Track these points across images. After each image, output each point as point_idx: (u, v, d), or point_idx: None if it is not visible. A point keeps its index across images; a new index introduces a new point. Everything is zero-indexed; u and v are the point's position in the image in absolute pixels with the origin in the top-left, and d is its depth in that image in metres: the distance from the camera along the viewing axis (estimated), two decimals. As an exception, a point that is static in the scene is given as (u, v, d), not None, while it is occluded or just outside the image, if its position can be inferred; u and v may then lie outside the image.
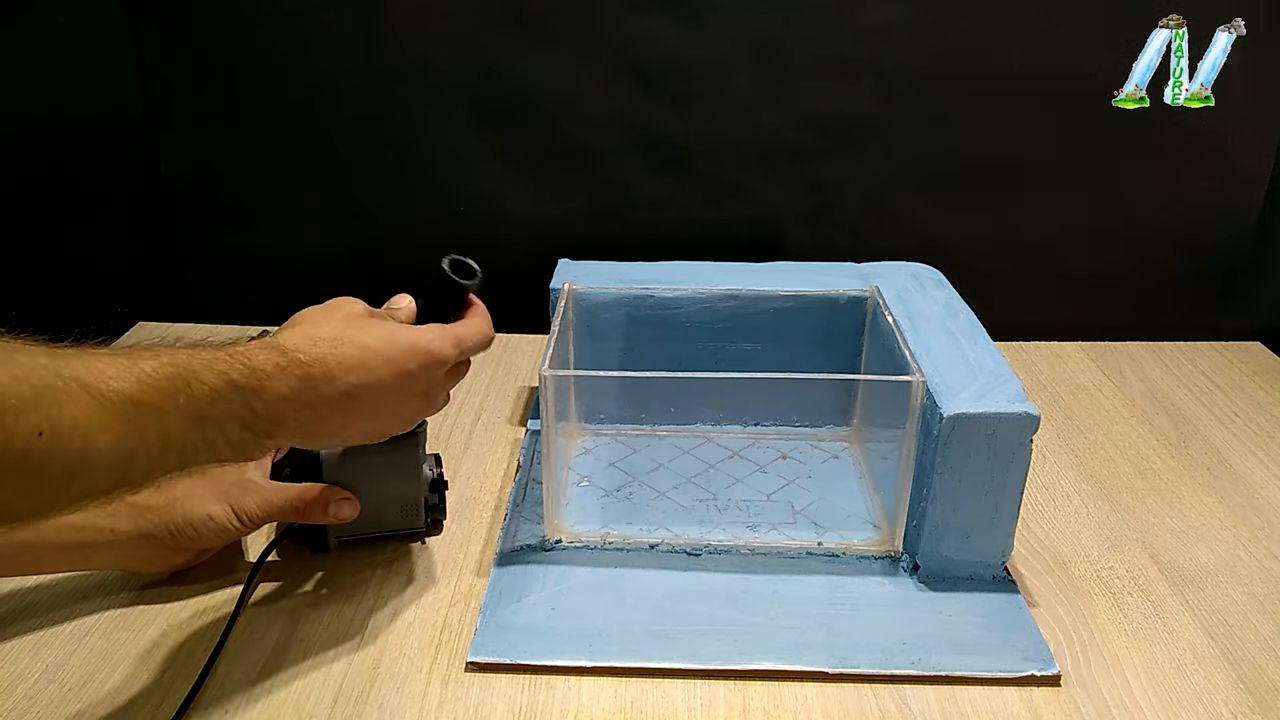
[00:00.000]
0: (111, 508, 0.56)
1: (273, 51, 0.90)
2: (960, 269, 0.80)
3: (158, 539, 0.57)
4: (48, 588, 0.61)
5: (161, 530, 0.56)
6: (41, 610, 0.59)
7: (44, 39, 0.89)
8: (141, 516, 0.56)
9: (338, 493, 0.60)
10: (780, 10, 0.86)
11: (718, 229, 0.95)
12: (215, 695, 0.53)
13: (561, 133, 0.92)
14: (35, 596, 0.60)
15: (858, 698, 0.54)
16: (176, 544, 0.57)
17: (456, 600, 0.61)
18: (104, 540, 0.55)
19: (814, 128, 0.91)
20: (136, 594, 0.60)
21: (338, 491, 0.60)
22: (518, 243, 0.94)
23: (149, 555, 0.58)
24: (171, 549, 0.58)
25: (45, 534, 0.53)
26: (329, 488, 0.60)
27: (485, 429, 0.81)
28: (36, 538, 0.53)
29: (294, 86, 0.90)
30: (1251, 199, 0.94)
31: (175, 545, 0.57)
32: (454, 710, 0.53)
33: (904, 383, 0.62)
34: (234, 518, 0.57)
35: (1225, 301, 0.98)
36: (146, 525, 0.56)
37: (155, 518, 0.56)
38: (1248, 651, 0.58)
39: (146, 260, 0.98)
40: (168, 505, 0.57)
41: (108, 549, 0.56)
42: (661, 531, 0.66)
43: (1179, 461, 0.77)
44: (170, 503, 0.57)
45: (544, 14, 0.87)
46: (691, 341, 0.77)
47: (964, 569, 0.62)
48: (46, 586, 0.61)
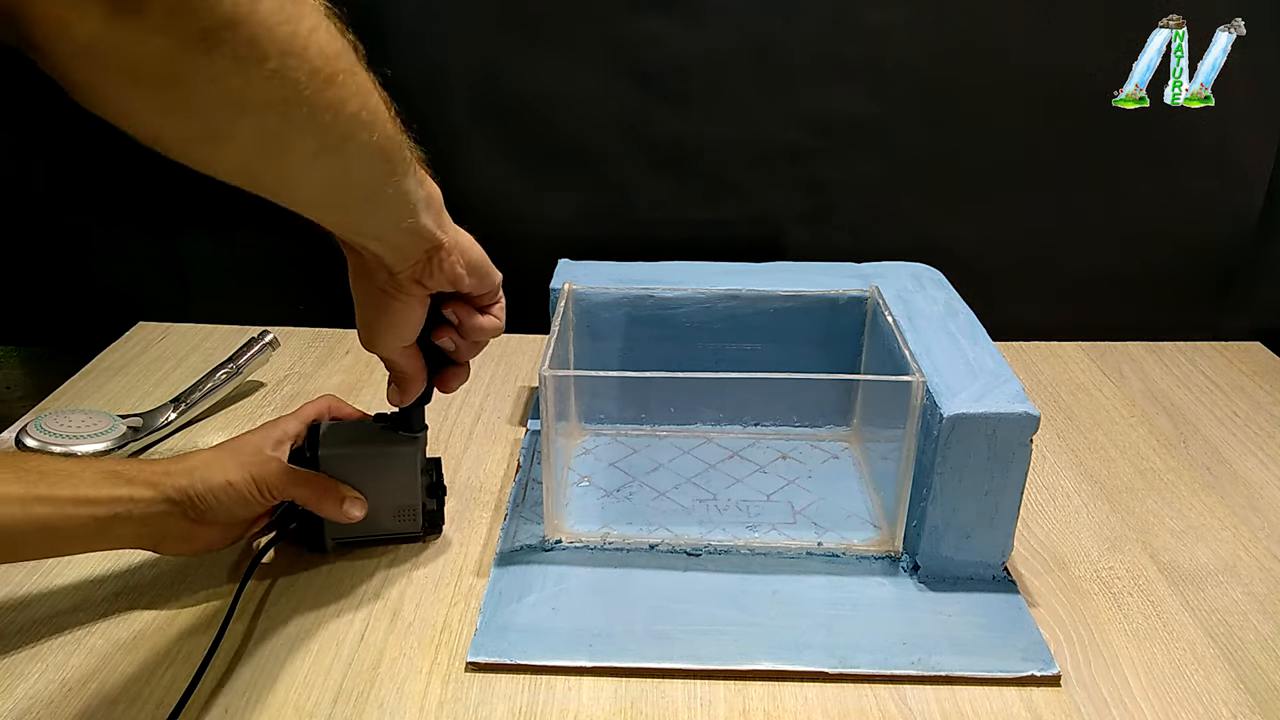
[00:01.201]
0: (130, 473, 0.55)
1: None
2: (960, 269, 0.80)
3: (178, 508, 0.56)
4: (47, 588, 0.61)
5: (182, 497, 0.56)
6: (41, 611, 0.59)
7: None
8: (160, 482, 0.56)
9: (352, 491, 0.61)
10: (780, 10, 0.86)
11: (718, 229, 0.95)
12: (215, 695, 0.53)
13: (561, 133, 0.92)
14: (35, 597, 0.60)
15: (858, 698, 0.54)
16: (198, 514, 0.57)
17: (456, 600, 0.61)
18: (123, 511, 0.54)
19: (814, 128, 0.91)
20: (136, 594, 0.61)
21: (351, 492, 0.61)
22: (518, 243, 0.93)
23: (169, 530, 0.57)
24: (193, 520, 0.57)
25: (64, 505, 0.52)
26: (345, 485, 0.61)
27: (485, 429, 0.81)
28: (55, 510, 0.51)
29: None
30: (1251, 199, 0.93)
31: (196, 515, 0.57)
32: (454, 710, 0.53)
33: (904, 383, 0.62)
34: (253, 486, 0.58)
35: (1225, 301, 0.98)
36: (167, 491, 0.55)
37: (174, 483, 0.56)
38: (1248, 652, 0.58)
39: (146, 260, 0.98)
40: (187, 472, 0.57)
41: (127, 521, 0.54)
42: (661, 531, 0.67)
43: (1179, 461, 0.77)
44: (189, 470, 0.57)
45: (544, 14, 0.87)
46: (691, 342, 0.77)
47: (964, 569, 0.62)
48: (46, 586, 0.61)
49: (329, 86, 0.39)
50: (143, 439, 0.76)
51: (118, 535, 0.55)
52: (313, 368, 0.90)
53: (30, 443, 0.71)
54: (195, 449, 0.76)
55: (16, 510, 0.50)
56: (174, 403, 0.79)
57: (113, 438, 0.73)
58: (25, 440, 0.71)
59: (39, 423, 0.72)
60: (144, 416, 0.77)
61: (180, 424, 0.79)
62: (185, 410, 0.79)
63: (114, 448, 0.73)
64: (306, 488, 0.60)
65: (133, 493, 0.55)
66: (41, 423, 0.72)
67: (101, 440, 0.73)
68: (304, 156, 0.41)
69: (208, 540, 0.59)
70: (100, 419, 0.74)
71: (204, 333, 0.97)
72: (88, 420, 0.74)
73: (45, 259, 0.99)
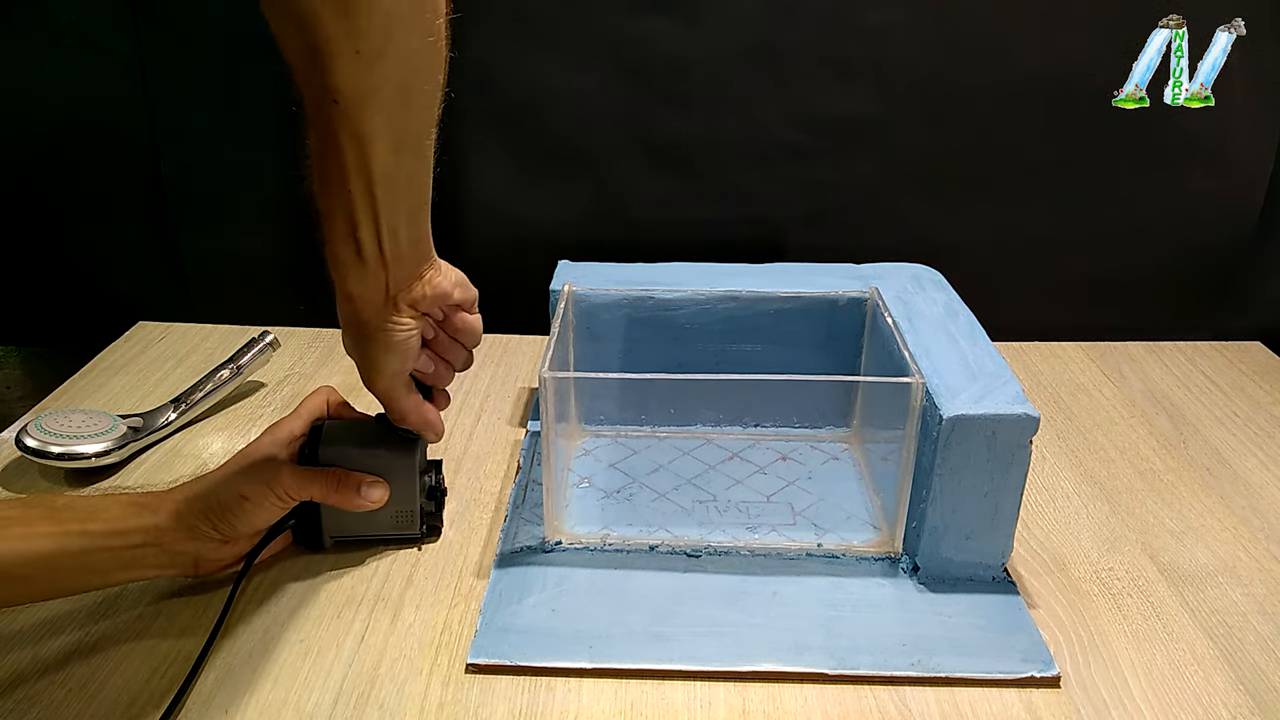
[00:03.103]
0: (154, 504, 0.56)
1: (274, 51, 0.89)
2: (960, 269, 0.80)
3: (202, 533, 0.57)
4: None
5: (202, 520, 0.56)
6: (41, 611, 0.59)
7: (44, 39, 0.89)
8: (181, 510, 0.56)
9: (366, 477, 0.62)
10: (780, 10, 0.86)
11: (718, 229, 0.95)
12: (215, 695, 0.54)
13: (561, 133, 0.92)
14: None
15: (857, 699, 0.54)
16: (219, 531, 0.57)
17: (456, 602, 0.61)
18: (152, 540, 0.55)
19: (814, 128, 0.91)
20: (135, 594, 0.61)
21: (366, 476, 0.62)
22: (518, 243, 0.94)
23: (201, 554, 0.58)
24: (219, 540, 0.58)
25: (95, 539, 0.53)
26: (358, 473, 0.61)
27: (485, 430, 0.81)
28: (89, 543, 0.53)
29: (295, 87, 0.90)
30: (1251, 199, 0.93)
31: (219, 534, 0.57)
32: (454, 712, 0.53)
33: (904, 384, 0.62)
34: (270, 495, 0.58)
35: (1225, 301, 0.98)
36: (188, 519, 0.56)
37: (191, 509, 0.56)
38: (1247, 653, 0.58)
39: (146, 260, 0.98)
40: (202, 496, 0.57)
41: (158, 550, 0.55)
42: (661, 533, 0.67)
43: (1179, 462, 0.77)
44: (204, 494, 0.57)
45: (544, 14, 0.87)
46: (691, 343, 0.77)
47: (964, 570, 0.63)
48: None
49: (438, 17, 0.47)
50: (143, 439, 0.76)
51: (152, 563, 0.56)
52: (313, 368, 0.90)
53: (30, 443, 0.71)
54: (199, 452, 0.77)
55: (52, 545, 0.51)
56: (174, 403, 0.79)
57: (113, 438, 0.73)
58: (25, 440, 0.71)
59: (39, 423, 0.72)
60: (144, 416, 0.77)
61: (180, 424, 0.79)
62: (185, 410, 0.79)
63: (114, 448, 0.73)
64: (321, 484, 0.60)
65: (157, 522, 0.55)
66: (41, 423, 0.72)
67: (101, 440, 0.72)
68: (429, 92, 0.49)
69: (239, 551, 0.60)
70: (100, 419, 0.74)
71: (204, 333, 0.97)
72: (88, 420, 0.74)
73: (45, 259, 0.99)
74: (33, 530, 0.51)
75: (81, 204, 0.96)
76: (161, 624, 0.58)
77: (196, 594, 0.61)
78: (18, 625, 0.58)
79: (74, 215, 0.97)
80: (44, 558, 0.51)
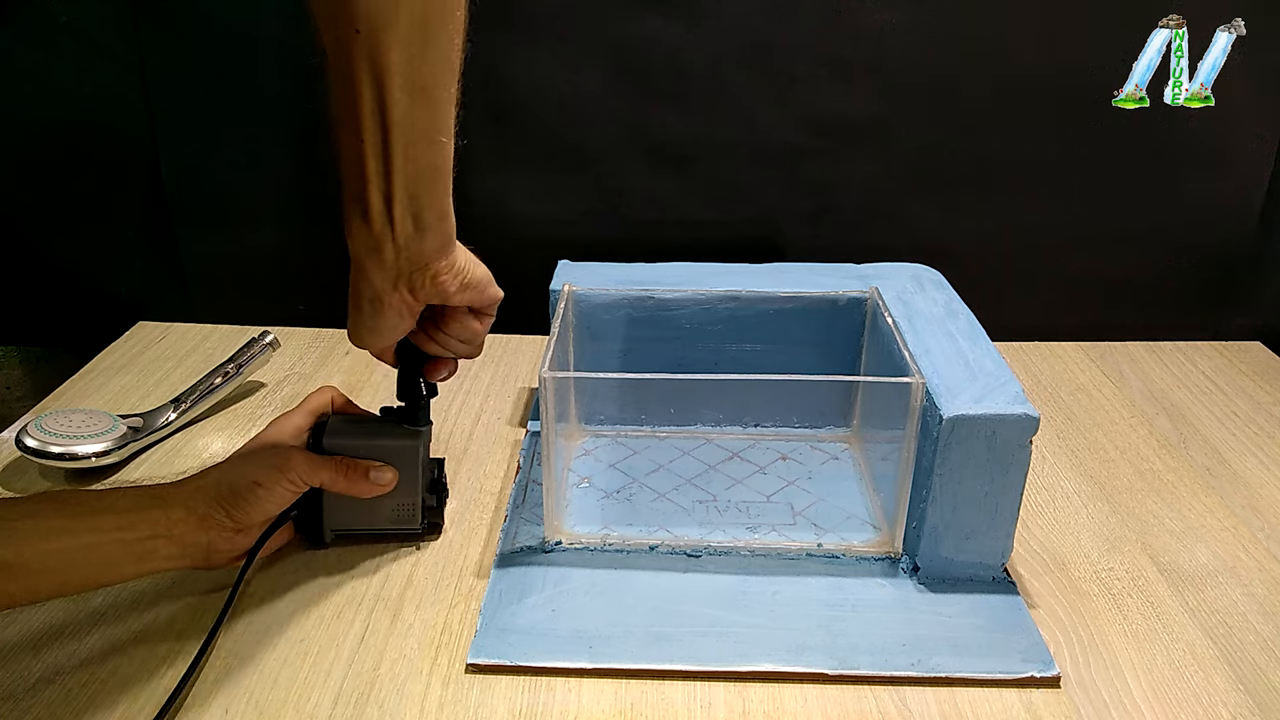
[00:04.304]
0: (165, 495, 0.56)
1: (274, 51, 0.90)
2: (960, 269, 0.80)
3: (215, 522, 0.57)
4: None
5: (215, 509, 0.56)
6: (41, 612, 0.59)
7: (44, 39, 0.89)
8: (192, 500, 0.56)
9: (374, 462, 0.62)
10: (780, 11, 0.86)
11: (718, 229, 0.95)
12: (215, 695, 0.54)
13: (561, 133, 0.92)
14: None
15: (857, 699, 0.54)
16: (233, 519, 0.57)
17: (456, 602, 0.61)
18: (163, 532, 0.55)
19: (814, 128, 0.91)
20: (135, 594, 0.61)
21: (374, 463, 0.62)
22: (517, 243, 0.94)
23: (214, 544, 0.57)
24: (231, 528, 0.57)
25: (108, 532, 0.53)
26: (366, 460, 0.62)
27: (485, 430, 0.81)
28: (101, 538, 0.52)
29: (295, 86, 0.90)
30: (1251, 199, 0.93)
31: (233, 521, 0.57)
32: (454, 712, 0.53)
33: (904, 384, 0.62)
34: (282, 480, 0.58)
35: (1225, 301, 0.98)
36: (199, 509, 0.56)
37: (202, 497, 0.57)
38: (1247, 653, 0.58)
39: (146, 260, 0.98)
40: (214, 485, 0.57)
41: (169, 542, 0.55)
42: (661, 533, 0.67)
43: (1179, 462, 0.77)
44: (216, 483, 0.58)
45: (544, 14, 0.87)
46: (691, 343, 0.77)
47: (964, 570, 0.63)
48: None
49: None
50: (143, 439, 0.76)
51: (164, 555, 0.56)
52: (313, 368, 0.90)
53: (30, 443, 0.71)
54: (199, 452, 0.77)
55: (67, 541, 0.51)
56: (174, 403, 0.79)
57: (113, 438, 0.73)
58: (25, 440, 0.71)
59: (39, 423, 0.72)
60: (144, 416, 0.77)
61: (180, 424, 0.79)
62: (185, 410, 0.79)
63: (114, 448, 0.73)
64: (330, 470, 0.61)
65: (169, 513, 0.55)
66: (41, 423, 0.72)
67: (101, 440, 0.72)
68: (449, 36, 0.50)
69: (249, 542, 0.60)
70: (100, 419, 0.74)
71: (204, 333, 0.97)
72: (88, 420, 0.74)
73: (45, 259, 0.99)
74: (42, 524, 0.51)
75: (81, 204, 0.96)
76: (161, 624, 0.58)
77: (196, 594, 0.61)
78: (18, 626, 0.58)
79: (74, 215, 0.97)
80: (55, 552, 0.51)
